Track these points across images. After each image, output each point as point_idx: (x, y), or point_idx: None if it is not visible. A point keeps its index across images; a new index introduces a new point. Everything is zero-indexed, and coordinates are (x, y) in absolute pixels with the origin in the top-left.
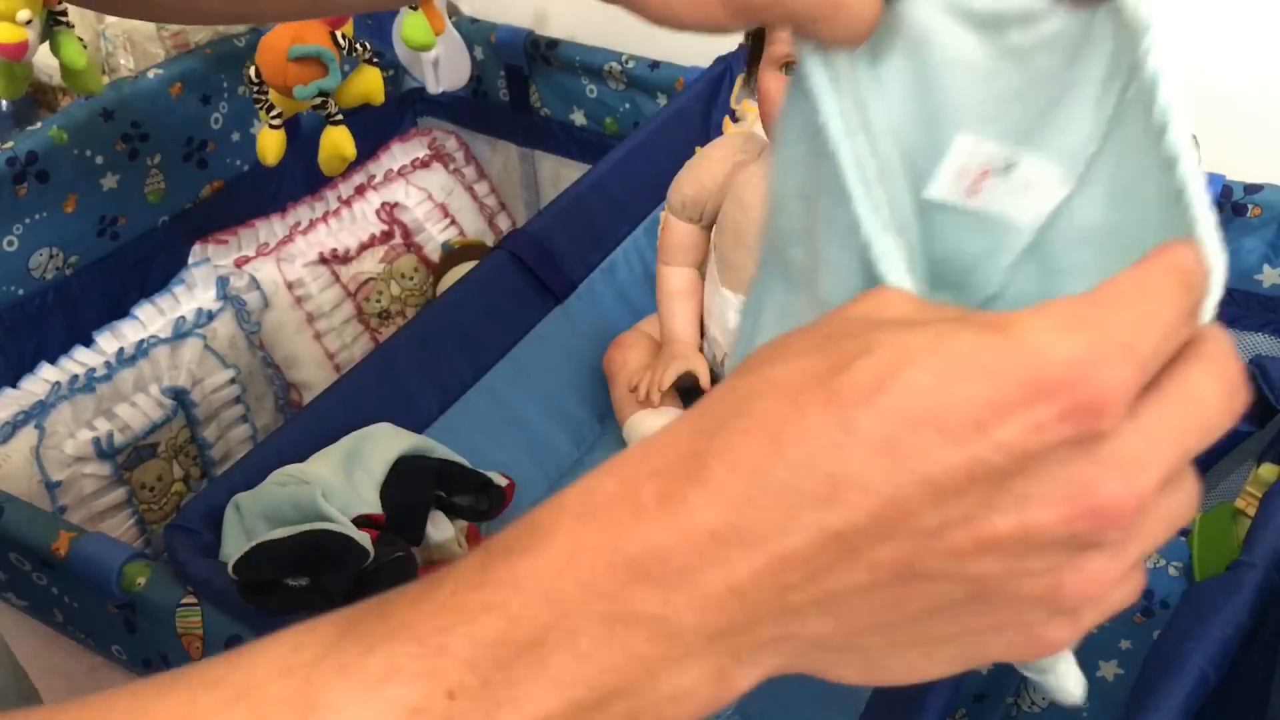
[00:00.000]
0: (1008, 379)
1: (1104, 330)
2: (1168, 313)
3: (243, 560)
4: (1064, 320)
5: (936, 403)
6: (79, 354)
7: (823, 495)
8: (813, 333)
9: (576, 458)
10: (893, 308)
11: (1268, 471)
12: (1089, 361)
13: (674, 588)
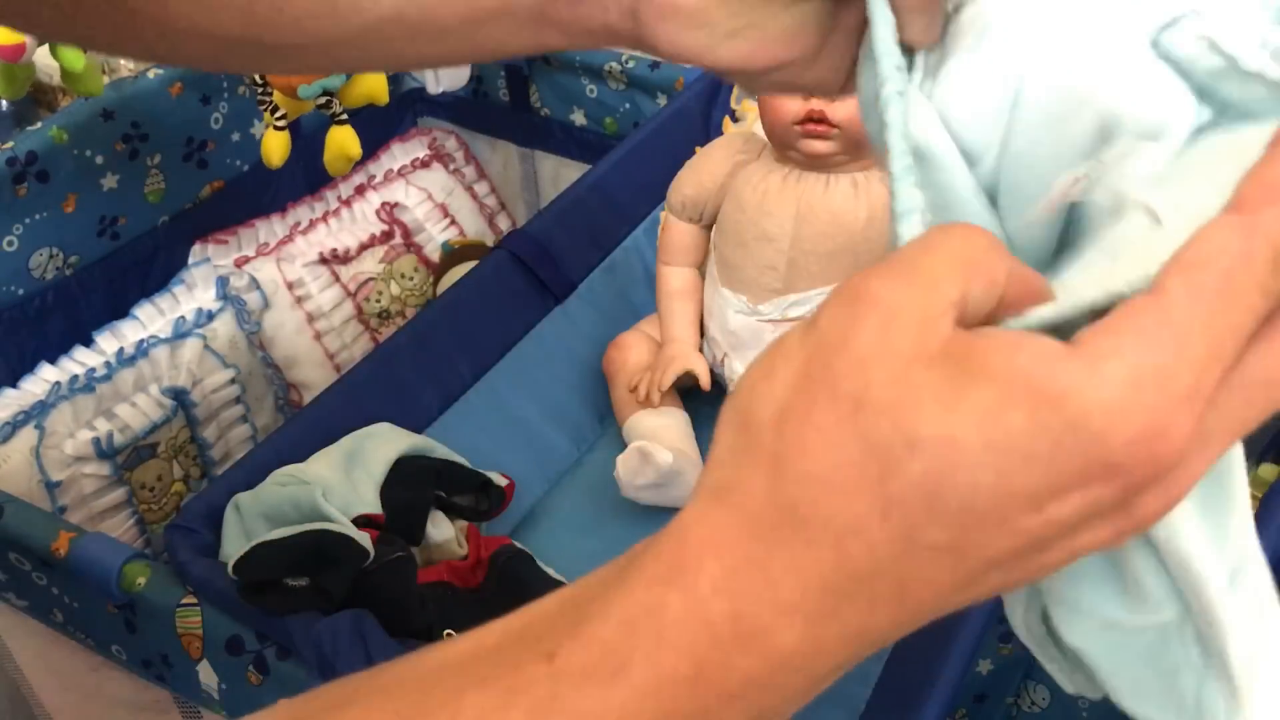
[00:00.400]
0: (1067, 466)
1: (1166, 386)
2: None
3: (243, 560)
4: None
5: (998, 501)
6: (79, 354)
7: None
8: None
9: (576, 458)
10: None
11: (1267, 472)
12: (1151, 436)
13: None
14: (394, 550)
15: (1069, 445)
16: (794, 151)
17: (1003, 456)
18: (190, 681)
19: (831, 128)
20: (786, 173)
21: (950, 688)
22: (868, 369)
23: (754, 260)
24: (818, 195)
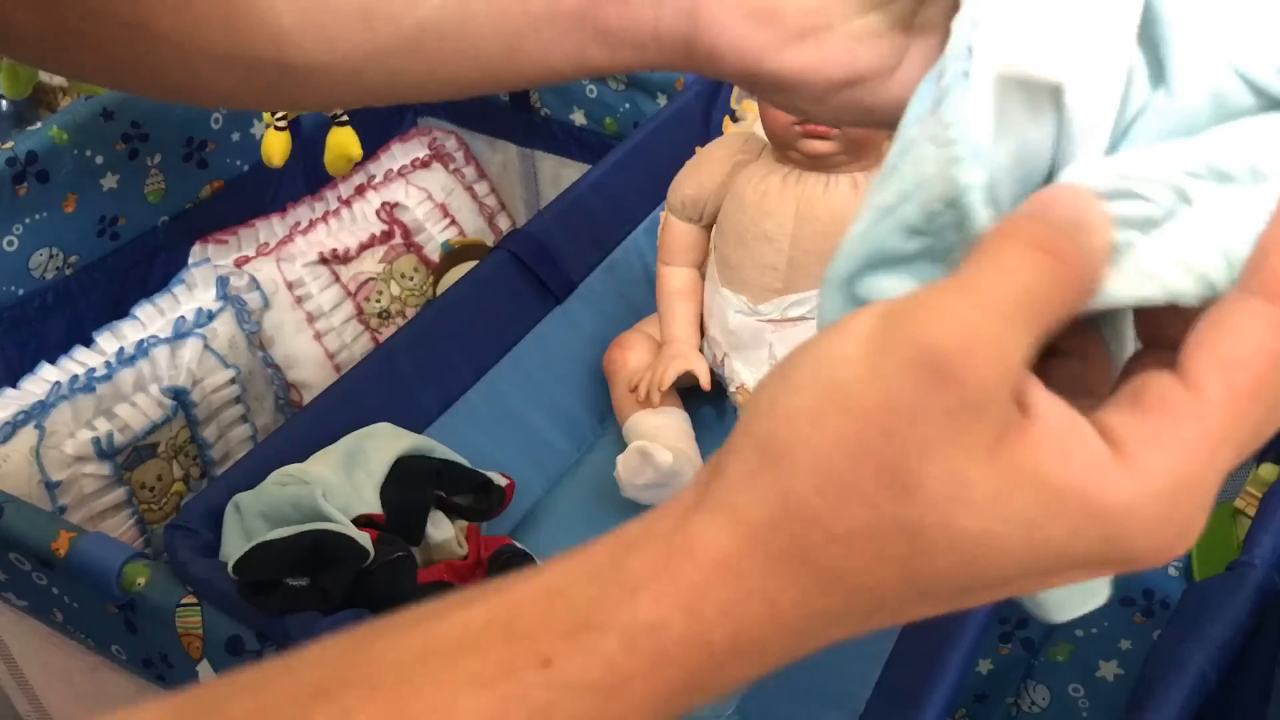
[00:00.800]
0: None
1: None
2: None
3: (243, 560)
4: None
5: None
6: (79, 354)
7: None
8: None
9: (576, 458)
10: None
11: (1268, 471)
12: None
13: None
14: (394, 550)
15: (1100, 550)
16: (794, 151)
17: (1036, 556)
18: (190, 682)
19: (832, 128)
20: (786, 173)
21: (950, 688)
22: (928, 457)
23: (754, 260)
24: (818, 195)
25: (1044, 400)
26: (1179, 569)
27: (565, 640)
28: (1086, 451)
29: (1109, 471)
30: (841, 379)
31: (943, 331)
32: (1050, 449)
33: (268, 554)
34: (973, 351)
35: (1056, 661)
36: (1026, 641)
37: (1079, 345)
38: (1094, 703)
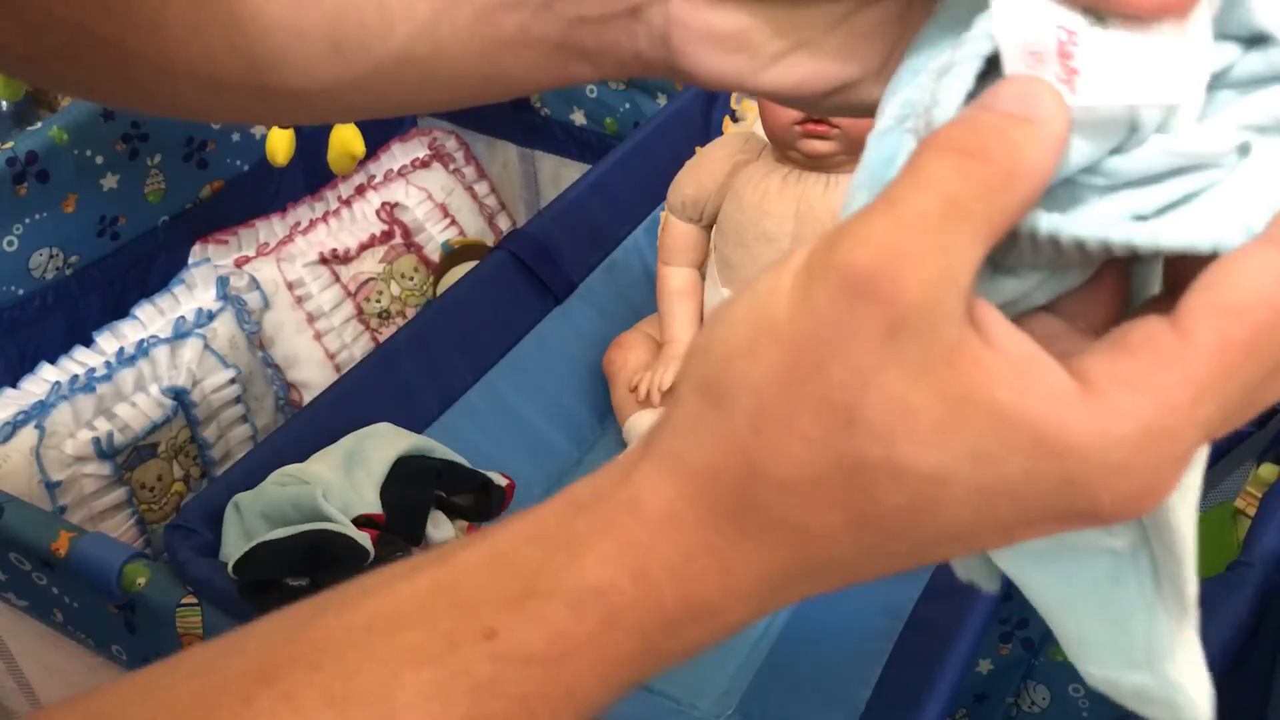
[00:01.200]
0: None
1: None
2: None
3: (243, 560)
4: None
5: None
6: (79, 354)
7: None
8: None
9: (576, 458)
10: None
11: (1268, 472)
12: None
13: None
14: (394, 550)
15: (1060, 496)
16: (794, 151)
17: (990, 499)
18: None
19: (832, 128)
20: (787, 173)
21: (950, 688)
22: (867, 384)
23: (754, 260)
24: (818, 195)
25: (1001, 327)
26: None
27: (510, 610)
28: (1047, 383)
29: (1071, 405)
30: (773, 313)
31: (863, 252)
32: (1005, 376)
33: (268, 554)
34: (895, 268)
35: (1057, 661)
36: (1027, 641)
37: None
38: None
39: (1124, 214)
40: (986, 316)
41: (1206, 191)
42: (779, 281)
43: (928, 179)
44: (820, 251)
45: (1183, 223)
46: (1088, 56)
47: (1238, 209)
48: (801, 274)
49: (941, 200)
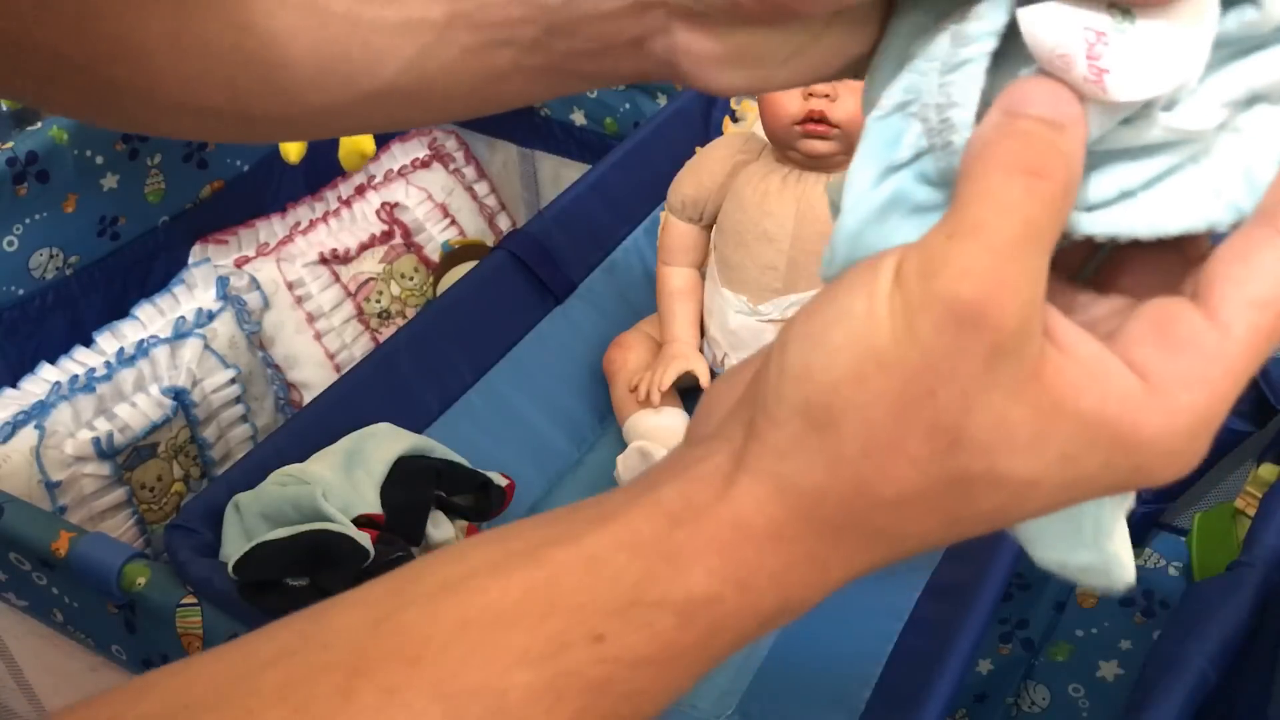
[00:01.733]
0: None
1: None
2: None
3: (243, 560)
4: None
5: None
6: (79, 354)
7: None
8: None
9: (577, 458)
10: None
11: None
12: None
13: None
14: (394, 550)
15: (1128, 478)
16: (794, 151)
17: (1070, 488)
18: None
19: (832, 128)
20: (787, 173)
21: (950, 688)
22: (972, 406)
23: (754, 260)
24: (818, 195)
25: (1070, 332)
26: (1179, 570)
27: (617, 617)
28: (1121, 386)
29: (1142, 406)
30: (878, 342)
31: (966, 284)
32: (1085, 384)
33: (268, 554)
34: (997, 298)
35: (1057, 661)
36: (1027, 641)
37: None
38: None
39: (1115, 190)
40: (1055, 323)
41: (1189, 165)
42: (874, 308)
43: (1007, 203)
44: (917, 278)
45: (1177, 207)
46: (1115, 55)
47: (1222, 186)
48: (898, 301)
49: (1023, 225)
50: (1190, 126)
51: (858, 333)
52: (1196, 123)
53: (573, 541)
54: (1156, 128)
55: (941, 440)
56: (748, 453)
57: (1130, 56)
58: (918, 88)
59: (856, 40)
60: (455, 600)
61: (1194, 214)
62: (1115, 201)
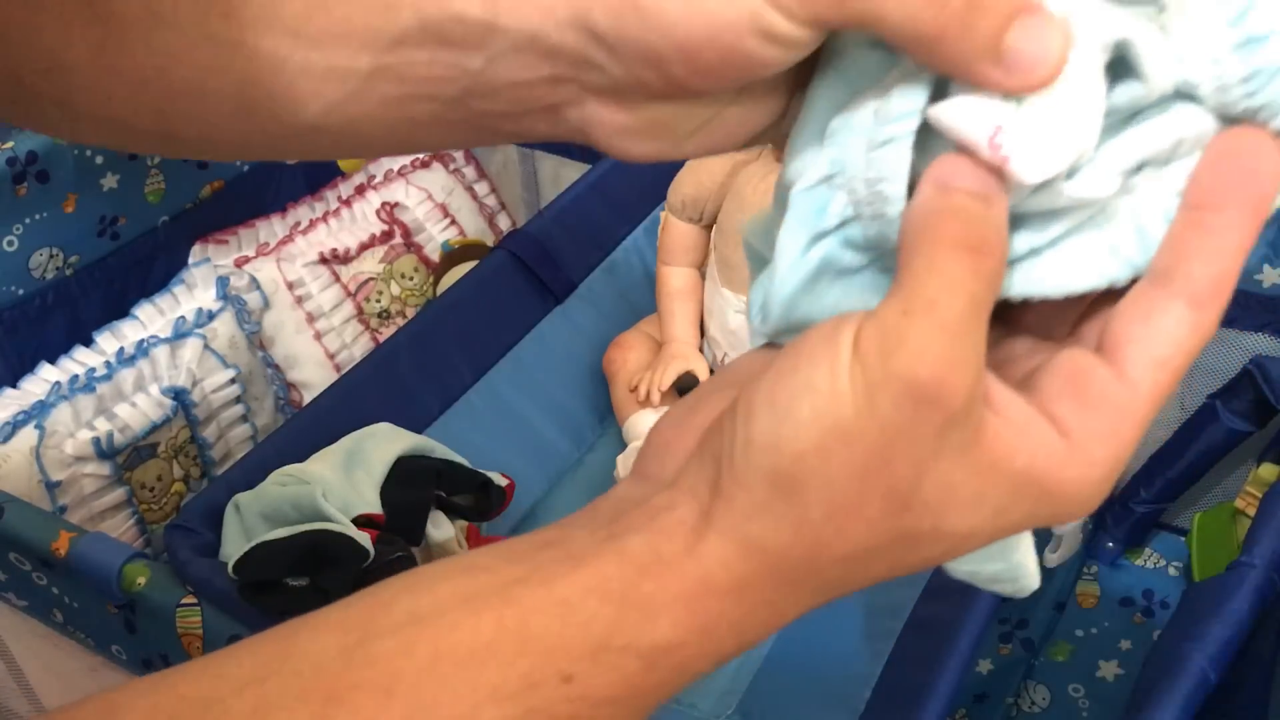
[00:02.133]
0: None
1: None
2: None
3: (243, 560)
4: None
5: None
6: (79, 354)
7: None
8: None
9: (577, 458)
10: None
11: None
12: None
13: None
14: (394, 550)
15: (1047, 520)
16: None
17: (996, 531)
18: None
19: None
20: None
21: (950, 688)
22: (923, 472)
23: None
24: None
25: (1003, 396)
26: (1179, 569)
27: (586, 660)
28: (1047, 445)
29: (1067, 463)
30: (842, 417)
31: (923, 365)
32: (1018, 445)
33: (268, 554)
34: (950, 377)
35: (1057, 661)
36: (1027, 642)
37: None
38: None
39: (1025, 248)
40: (991, 387)
41: (1088, 226)
42: (837, 383)
43: (954, 281)
44: (877, 356)
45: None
46: (1014, 142)
47: (1119, 243)
48: (858, 376)
49: (969, 302)
50: (1090, 194)
51: (822, 407)
52: (1096, 190)
53: (543, 584)
54: (1061, 197)
55: (895, 503)
56: (715, 512)
57: (1028, 142)
58: (842, 161)
59: (760, 114)
60: (427, 633)
61: (1097, 273)
62: (1025, 259)
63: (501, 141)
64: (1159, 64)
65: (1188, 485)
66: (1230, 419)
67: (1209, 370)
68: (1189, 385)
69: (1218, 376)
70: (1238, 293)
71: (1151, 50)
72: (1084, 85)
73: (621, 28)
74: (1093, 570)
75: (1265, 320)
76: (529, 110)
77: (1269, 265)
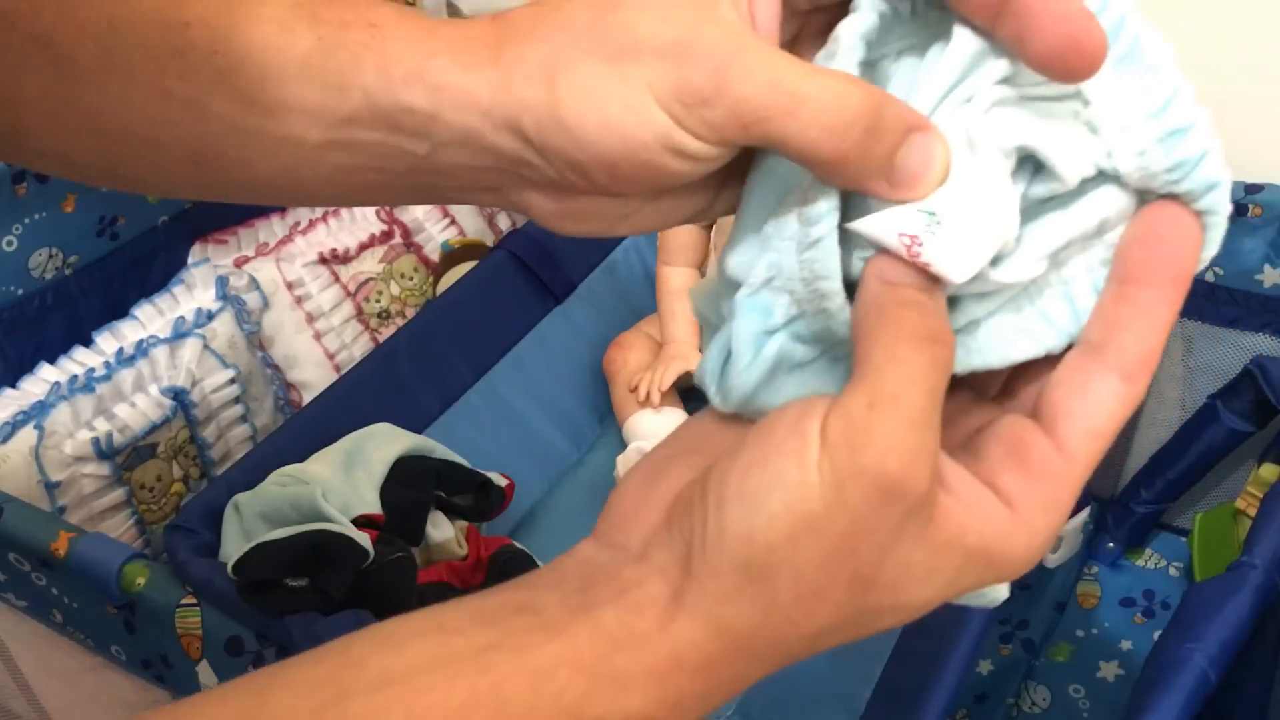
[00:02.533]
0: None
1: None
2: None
3: (242, 560)
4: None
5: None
6: (78, 354)
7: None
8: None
9: (576, 458)
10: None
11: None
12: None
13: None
14: (394, 550)
15: (993, 581)
16: None
17: (945, 597)
18: (190, 682)
19: None
20: None
21: (950, 688)
22: (885, 556)
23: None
24: None
25: (954, 474)
26: (1180, 570)
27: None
28: (995, 519)
29: (1013, 534)
30: (811, 509)
31: (890, 460)
32: (969, 522)
33: (267, 554)
34: (914, 470)
35: (1057, 662)
36: (1027, 642)
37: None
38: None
39: (964, 320)
40: (943, 467)
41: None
42: (806, 476)
43: (915, 373)
44: (845, 449)
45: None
46: (931, 250)
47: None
48: (827, 469)
49: (929, 394)
50: (1016, 279)
51: (793, 500)
52: (1023, 274)
53: (516, 652)
54: (990, 283)
55: (859, 586)
56: (687, 593)
57: (944, 249)
58: (778, 265)
59: (689, 205)
60: (400, 695)
61: (1034, 343)
62: (964, 331)
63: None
64: (1069, 163)
65: (1189, 485)
66: (1231, 419)
67: (1210, 370)
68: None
69: (1219, 376)
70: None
71: (1060, 151)
72: (992, 188)
73: (546, 138)
74: (1093, 570)
75: (1266, 320)
76: (474, 187)
77: (1269, 265)
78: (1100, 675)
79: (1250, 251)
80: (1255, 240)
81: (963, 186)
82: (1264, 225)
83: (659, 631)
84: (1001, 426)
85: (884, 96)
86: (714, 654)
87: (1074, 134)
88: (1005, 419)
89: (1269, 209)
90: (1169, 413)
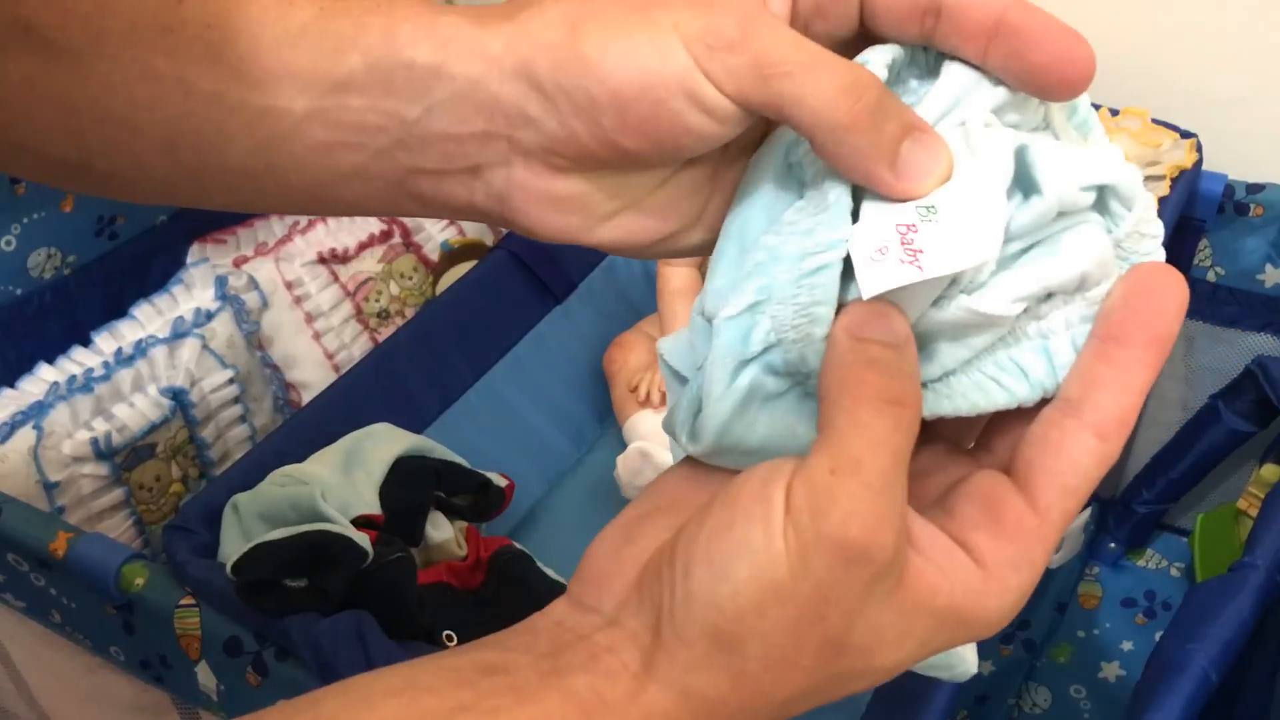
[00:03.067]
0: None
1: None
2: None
3: (241, 561)
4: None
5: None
6: (77, 354)
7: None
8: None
9: (577, 458)
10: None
11: (1270, 472)
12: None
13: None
14: (393, 551)
15: (965, 640)
16: None
17: (917, 659)
18: (189, 683)
19: None
20: None
21: (951, 690)
22: (854, 621)
23: None
24: None
25: (924, 532)
26: (1181, 570)
27: None
28: (966, 579)
29: (984, 593)
30: (778, 576)
31: (853, 526)
32: (939, 583)
33: (266, 555)
34: (878, 536)
35: (1058, 663)
36: (1028, 643)
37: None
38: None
39: (938, 370)
40: (912, 525)
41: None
42: (771, 543)
43: (879, 438)
44: (809, 516)
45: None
46: (925, 239)
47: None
48: (791, 537)
49: (893, 457)
50: (986, 310)
51: (759, 568)
52: (992, 308)
53: (488, 715)
54: (960, 310)
55: (829, 651)
56: (656, 661)
57: (938, 239)
58: (770, 288)
59: (674, 216)
60: None
61: (1007, 395)
62: (938, 381)
63: (415, 212)
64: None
65: (1190, 486)
66: (1233, 419)
67: (1211, 370)
68: (1191, 385)
69: (1220, 377)
70: (1239, 293)
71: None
72: (989, 191)
73: (561, 76)
74: (1094, 571)
75: (1267, 320)
76: (454, 170)
77: (1271, 265)
78: (1101, 676)
79: (1251, 251)
80: (1256, 240)
81: (962, 186)
82: (1265, 225)
83: (630, 700)
84: (975, 483)
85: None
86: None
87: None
88: (979, 475)
89: (1270, 209)
90: (1170, 413)
